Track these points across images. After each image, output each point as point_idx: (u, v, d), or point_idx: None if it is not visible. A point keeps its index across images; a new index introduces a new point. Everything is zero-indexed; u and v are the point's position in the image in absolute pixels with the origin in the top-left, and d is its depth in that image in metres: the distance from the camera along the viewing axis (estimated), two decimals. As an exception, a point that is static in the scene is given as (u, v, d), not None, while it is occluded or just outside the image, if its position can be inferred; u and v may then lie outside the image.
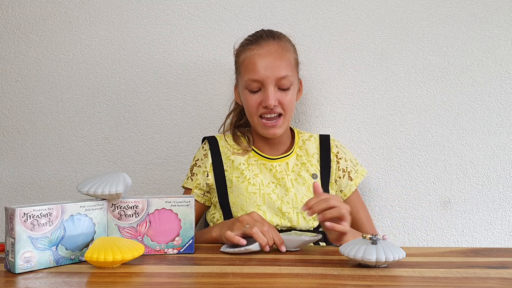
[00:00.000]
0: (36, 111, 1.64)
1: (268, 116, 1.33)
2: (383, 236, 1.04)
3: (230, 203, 1.35)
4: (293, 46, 1.39)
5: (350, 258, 1.02)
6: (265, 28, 1.41)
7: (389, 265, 1.03)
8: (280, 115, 1.34)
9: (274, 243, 1.15)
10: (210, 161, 1.39)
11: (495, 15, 1.58)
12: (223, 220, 1.36)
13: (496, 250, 1.20)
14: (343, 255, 1.05)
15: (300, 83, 1.43)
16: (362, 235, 1.05)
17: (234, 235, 1.14)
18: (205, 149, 1.42)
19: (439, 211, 1.59)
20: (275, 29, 1.53)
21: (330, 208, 1.11)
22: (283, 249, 1.15)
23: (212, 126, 1.62)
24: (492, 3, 1.58)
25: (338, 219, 1.12)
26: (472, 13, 1.58)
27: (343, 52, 1.60)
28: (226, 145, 1.42)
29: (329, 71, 1.61)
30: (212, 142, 1.42)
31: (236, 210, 1.34)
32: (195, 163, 1.42)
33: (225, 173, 1.38)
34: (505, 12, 1.58)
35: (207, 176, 1.39)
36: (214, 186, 1.38)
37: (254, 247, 1.12)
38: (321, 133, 1.55)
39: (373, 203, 1.60)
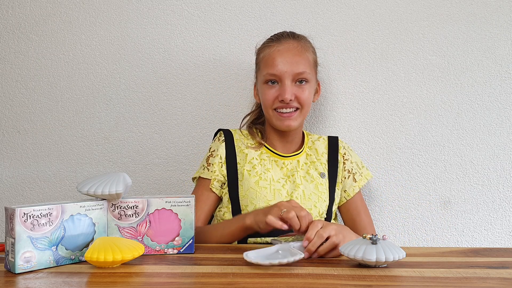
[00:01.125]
0: (36, 111, 1.64)
1: (284, 110, 1.36)
2: (383, 236, 1.04)
3: (239, 196, 1.36)
4: (313, 47, 1.43)
5: (350, 258, 1.02)
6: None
7: (389, 265, 1.03)
8: (296, 109, 1.37)
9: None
10: (225, 153, 1.40)
11: (495, 15, 1.58)
12: (231, 216, 1.36)
13: (496, 250, 1.20)
14: (343, 255, 1.05)
15: (318, 85, 1.46)
16: (362, 235, 1.05)
17: (276, 220, 1.10)
18: (220, 140, 1.42)
19: (439, 211, 1.59)
20: (275, 29, 1.54)
21: (324, 240, 1.09)
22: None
23: (212, 125, 1.62)
24: (492, 3, 1.58)
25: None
26: (472, 13, 1.58)
27: (343, 52, 1.60)
28: (240, 138, 1.43)
29: (329, 71, 1.61)
30: (227, 134, 1.43)
31: (245, 204, 1.35)
32: (211, 153, 1.42)
33: (238, 165, 1.39)
34: (505, 12, 1.58)
35: (222, 167, 1.39)
36: (227, 178, 1.39)
37: (288, 258, 1.02)
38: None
39: (373, 203, 1.60)
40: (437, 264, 1.06)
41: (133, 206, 1.12)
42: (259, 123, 1.49)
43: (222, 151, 1.40)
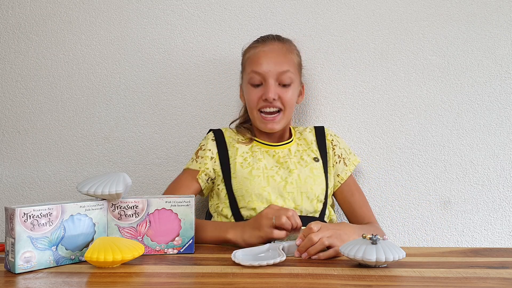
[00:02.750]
0: (36, 111, 1.64)
1: (268, 110, 1.38)
2: (383, 236, 1.04)
3: (233, 189, 1.37)
4: (298, 50, 1.45)
5: (350, 258, 1.02)
6: (263, 32, 1.48)
7: (389, 265, 1.03)
8: (279, 110, 1.39)
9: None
10: (216, 149, 1.42)
11: (495, 15, 1.58)
12: (230, 211, 1.37)
13: (496, 250, 1.20)
14: (343, 255, 1.05)
15: (302, 87, 1.48)
16: (362, 235, 1.05)
17: (281, 232, 1.14)
18: (211, 138, 1.44)
19: (439, 211, 1.59)
20: (275, 29, 1.54)
21: (314, 243, 1.10)
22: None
23: (212, 126, 1.61)
24: (492, 3, 1.58)
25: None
26: (472, 13, 1.58)
27: (343, 52, 1.60)
28: (231, 135, 1.45)
29: (329, 71, 1.61)
30: (217, 132, 1.46)
31: (240, 194, 1.35)
32: (200, 147, 1.44)
33: (230, 159, 1.41)
34: (505, 12, 1.58)
35: (215, 162, 1.41)
36: (220, 173, 1.40)
37: (276, 258, 1.03)
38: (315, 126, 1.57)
39: (373, 203, 1.60)
40: (437, 264, 1.06)
41: (133, 206, 1.12)
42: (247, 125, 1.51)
43: (213, 148, 1.42)
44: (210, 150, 1.42)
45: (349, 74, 1.60)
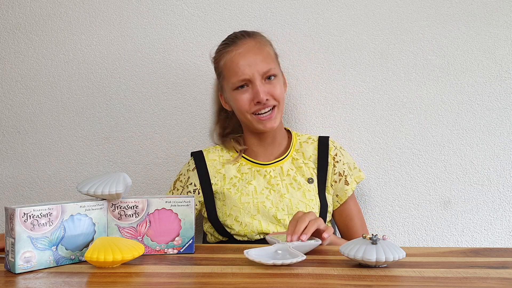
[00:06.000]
0: (36, 111, 1.64)
1: (263, 112, 1.33)
2: (383, 236, 1.04)
3: (224, 215, 1.35)
4: (269, 41, 1.40)
5: (350, 258, 1.02)
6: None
7: (389, 265, 1.03)
8: (273, 107, 1.34)
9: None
10: (199, 181, 1.39)
11: (495, 15, 1.58)
12: (217, 233, 1.36)
13: (496, 250, 1.20)
14: (343, 255, 1.05)
15: (283, 76, 1.42)
16: (362, 235, 1.05)
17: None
18: (192, 168, 1.41)
19: (439, 211, 1.59)
20: (275, 29, 1.54)
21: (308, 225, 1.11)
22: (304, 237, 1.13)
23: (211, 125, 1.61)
24: (492, 3, 1.58)
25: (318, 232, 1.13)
26: (472, 13, 1.58)
27: (343, 52, 1.60)
28: (214, 157, 1.41)
29: (329, 71, 1.61)
30: (198, 159, 1.41)
31: (231, 223, 1.33)
32: (179, 178, 1.43)
33: (214, 187, 1.37)
34: (505, 12, 1.58)
35: (198, 194, 1.39)
36: (204, 204, 1.38)
37: (291, 259, 1.02)
38: (320, 135, 1.55)
39: (373, 203, 1.60)
40: (437, 264, 1.06)
41: (133, 206, 1.12)
42: (231, 133, 1.45)
43: (195, 179, 1.39)
44: (192, 183, 1.39)
45: (349, 74, 1.61)
